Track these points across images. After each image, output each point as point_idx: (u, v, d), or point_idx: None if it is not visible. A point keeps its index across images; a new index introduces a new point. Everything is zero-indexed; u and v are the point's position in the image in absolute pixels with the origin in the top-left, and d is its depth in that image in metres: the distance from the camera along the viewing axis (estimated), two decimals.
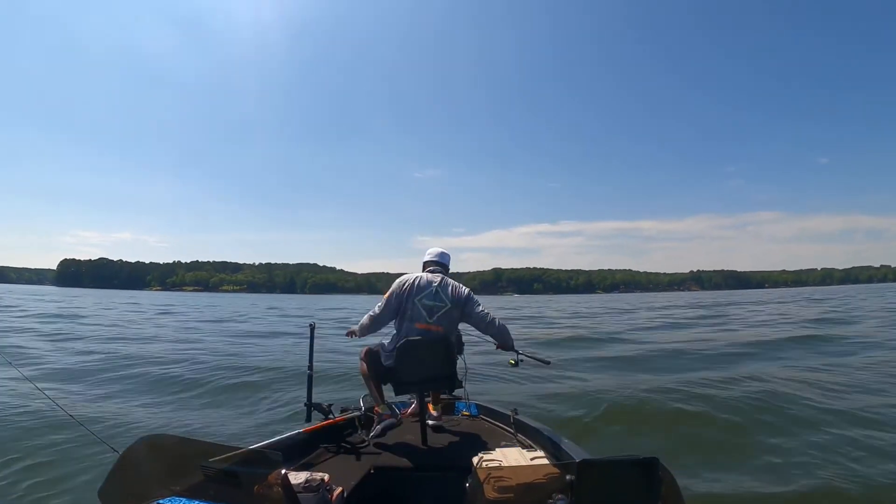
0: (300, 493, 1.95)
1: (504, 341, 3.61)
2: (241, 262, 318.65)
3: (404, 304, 3.46)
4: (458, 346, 3.79)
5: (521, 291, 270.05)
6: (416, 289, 3.47)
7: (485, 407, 4.14)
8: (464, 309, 3.49)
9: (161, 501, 1.66)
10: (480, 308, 3.54)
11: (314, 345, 3.82)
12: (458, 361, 3.55)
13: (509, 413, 3.64)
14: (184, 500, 1.67)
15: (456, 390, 4.00)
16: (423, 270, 3.70)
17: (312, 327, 3.86)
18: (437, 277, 3.56)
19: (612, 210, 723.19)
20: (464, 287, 3.56)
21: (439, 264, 3.73)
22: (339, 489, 2.22)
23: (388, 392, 3.68)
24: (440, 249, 3.81)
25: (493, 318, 3.56)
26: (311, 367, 3.71)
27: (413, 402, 4.10)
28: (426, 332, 3.34)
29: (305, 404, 3.61)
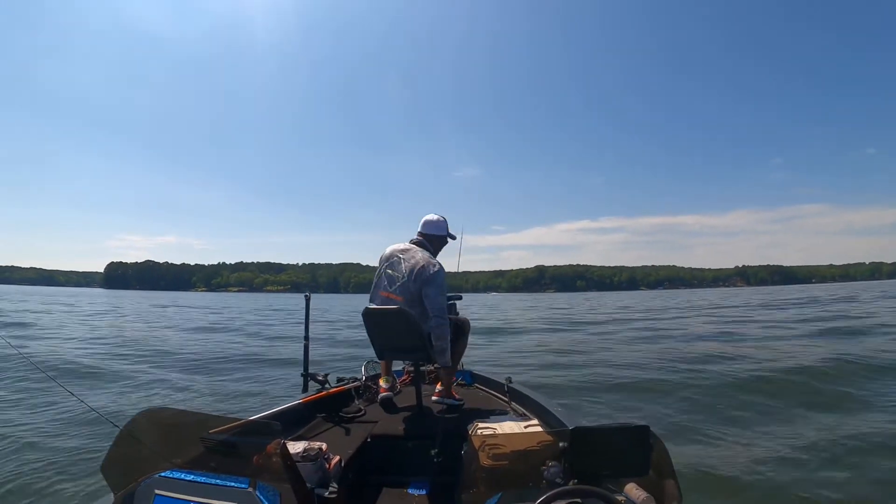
0: (299, 462, 1.95)
1: (437, 342, 3.23)
2: (284, 262, 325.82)
3: (378, 273, 3.44)
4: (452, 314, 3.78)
5: (565, 289, 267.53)
6: (385, 259, 3.42)
7: (479, 375, 4.18)
8: (422, 287, 3.22)
9: (162, 474, 1.67)
10: (436, 294, 3.24)
11: (310, 315, 3.85)
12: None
13: (503, 381, 3.69)
14: (184, 472, 1.68)
15: None
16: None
17: (308, 298, 3.88)
18: (406, 247, 3.41)
19: (654, 205, 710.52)
20: (433, 264, 3.28)
21: (423, 234, 3.53)
22: (337, 458, 2.23)
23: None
24: (429, 217, 3.57)
25: (441, 310, 3.25)
26: (307, 338, 3.75)
27: (406, 372, 4.21)
28: (387, 300, 3.27)
29: (302, 374, 3.62)
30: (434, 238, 3.54)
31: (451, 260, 3.59)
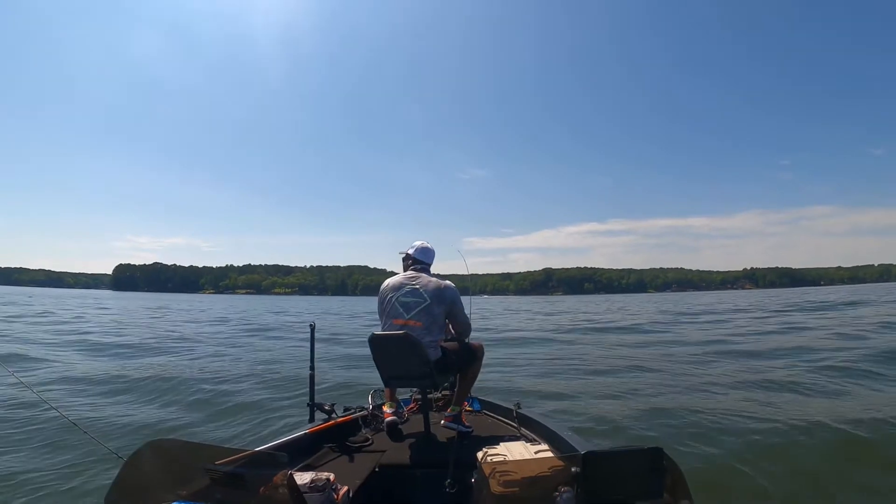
0: (306, 493, 1.94)
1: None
2: (292, 264, 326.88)
3: (385, 304, 3.48)
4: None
5: (573, 291, 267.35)
6: (392, 288, 3.49)
7: (487, 402, 4.16)
8: (450, 308, 3.47)
9: None
10: (462, 313, 3.56)
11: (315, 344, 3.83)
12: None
13: (512, 407, 3.68)
14: None
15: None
16: (404, 265, 3.71)
17: (313, 327, 3.86)
18: (415, 275, 3.54)
19: (662, 207, 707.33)
20: (450, 285, 3.50)
21: (418, 262, 3.66)
22: (345, 488, 2.21)
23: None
24: (421, 244, 3.73)
25: (469, 326, 3.65)
26: (312, 367, 3.73)
27: (413, 400, 4.19)
28: (403, 327, 3.30)
29: (308, 404, 3.61)
30: (429, 266, 3.71)
31: (455, 263, 3.64)
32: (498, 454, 2.46)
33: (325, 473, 2.15)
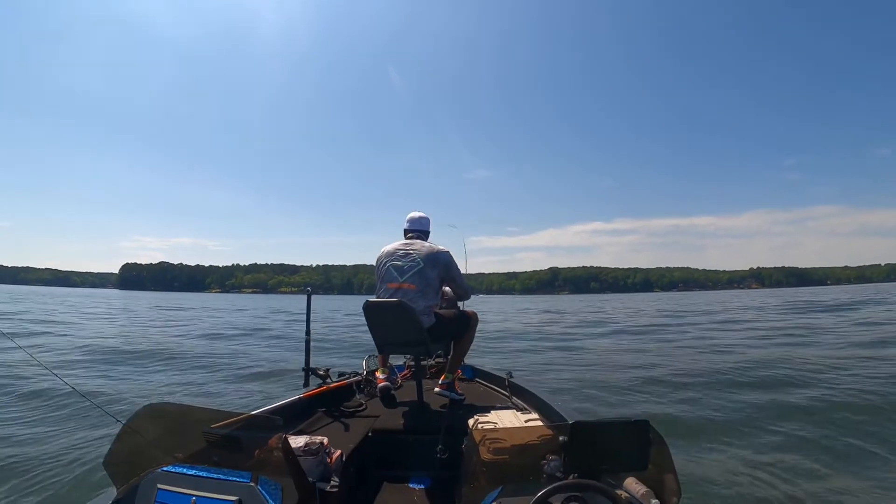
0: (300, 456, 1.96)
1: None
2: (298, 264, 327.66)
3: (380, 269, 3.50)
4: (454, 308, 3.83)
5: (578, 290, 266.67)
6: (387, 254, 3.50)
7: (480, 370, 4.24)
8: (445, 271, 3.46)
9: (164, 469, 1.68)
10: (459, 275, 3.57)
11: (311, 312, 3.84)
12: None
13: (504, 376, 3.75)
14: (186, 466, 1.69)
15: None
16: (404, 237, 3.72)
17: (309, 294, 3.88)
18: (409, 241, 3.56)
19: (667, 206, 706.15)
20: (443, 249, 3.50)
21: (414, 230, 3.69)
22: (338, 452, 2.23)
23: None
24: (417, 214, 3.77)
25: (467, 289, 3.68)
26: (308, 333, 3.74)
27: (407, 366, 4.26)
28: (397, 290, 3.33)
29: (303, 369, 3.63)
30: (425, 234, 3.74)
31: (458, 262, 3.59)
32: (488, 422, 2.48)
33: (319, 437, 2.17)
